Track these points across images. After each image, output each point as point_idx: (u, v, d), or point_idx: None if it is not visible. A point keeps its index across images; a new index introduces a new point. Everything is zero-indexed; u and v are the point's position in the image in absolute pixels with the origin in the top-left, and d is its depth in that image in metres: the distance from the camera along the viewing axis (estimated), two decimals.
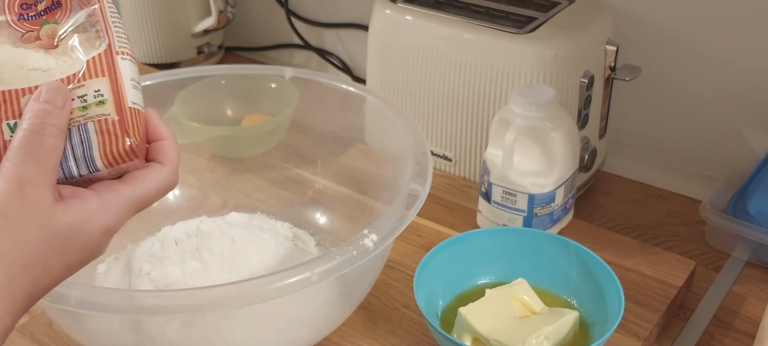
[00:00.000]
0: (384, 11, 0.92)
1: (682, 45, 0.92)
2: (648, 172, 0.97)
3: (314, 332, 0.69)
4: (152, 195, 0.47)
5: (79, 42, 0.46)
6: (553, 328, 0.66)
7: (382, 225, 0.61)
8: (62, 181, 0.46)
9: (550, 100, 0.77)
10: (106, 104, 0.44)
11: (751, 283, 0.81)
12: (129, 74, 0.46)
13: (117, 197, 0.46)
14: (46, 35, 0.46)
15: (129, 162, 0.45)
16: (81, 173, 0.45)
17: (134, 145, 0.45)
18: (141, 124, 0.46)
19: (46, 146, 0.43)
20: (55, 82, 0.45)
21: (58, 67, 0.45)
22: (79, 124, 0.45)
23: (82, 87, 0.45)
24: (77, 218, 0.44)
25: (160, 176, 0.47)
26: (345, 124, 0.87)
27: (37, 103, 0.44)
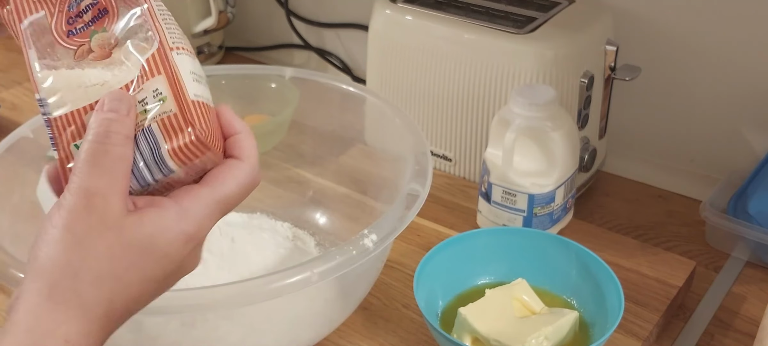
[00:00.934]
0: (384, 11, 0.92)
1: (682, 45, 0.92)
2: (648, 172, 0.97)
3: (314, 332, 0.69)
4: (234, 193, 0.44)
5: (132, 46, 0.44)
6: (553, 328, 0.66)
7: (382, 225, 0.61)
8: (139, 191, 0.43)
9: (550, 100, 0.77)
10: (167, 101, 0.42)
11: (751, 283, 0.81)
12: (188, 68, 0.44)
13: (196, 200, 0.42)
14: (98, 46, 0.45)
15: (201, 156, 0.42)
16: (155, 178, 0.43)
17: (201, 135, 0.42)
18: (208, 116, 0.43)
19: (113, 155, 0.41)
20: (117, 90, 0.43)
21: (115, 77, 0.44)
22: (143, 128, 0.42)
23: (142, 90, 0.43)
24: (152, 228, 0.41)
25: (240, 171, 0.44)
26: (345, 124, 0.87)
27: (101, 114, 0.42)
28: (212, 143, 0.43)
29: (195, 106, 0.42)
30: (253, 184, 0.45)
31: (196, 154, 0.42)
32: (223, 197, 0.43)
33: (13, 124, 1.08)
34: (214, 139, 0.43)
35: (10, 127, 0.82)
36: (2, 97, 1.19)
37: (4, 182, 0.72)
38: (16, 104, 1.17)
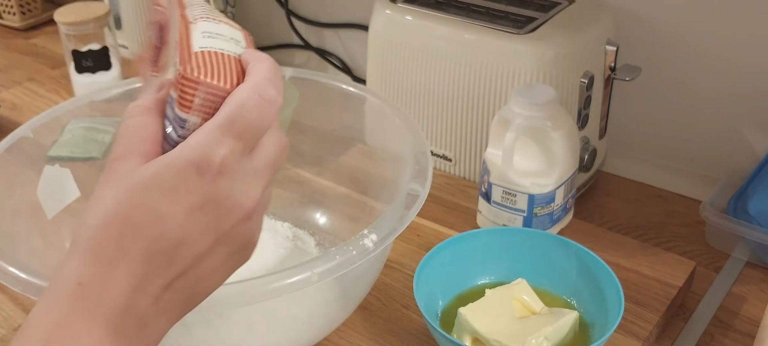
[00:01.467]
0: (384, 11, 0.92)
1: (682, 45, 0.92)
2: (648, 172, 0.97)
3: (314, 332, 0.69)
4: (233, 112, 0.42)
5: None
6: (553, 328, 0.66)
7: (382, 225, 0.61)
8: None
9: (550, 100, 0.77)
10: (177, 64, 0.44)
11: (751, 283, 0.81)
12: (200, 30, 0.45)
13: (199, 131, 0.42)
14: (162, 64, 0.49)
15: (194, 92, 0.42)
16: (178, 133, 0.44)
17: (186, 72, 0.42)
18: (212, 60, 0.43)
19: (129, 124, 0.44)
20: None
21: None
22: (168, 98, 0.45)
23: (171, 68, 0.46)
24: (156, 166, 0.41)
25: (238, 91, 0.43)
26: (345, 124, 0.87)
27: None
28: (205, 77, 0.43)
29: (196, 57, 0.43)
30: (256, 99, 0.43)
31: (189, 92, 0.42)
32: (223, 119, 0.42)
33: (13, 124, 1.09)
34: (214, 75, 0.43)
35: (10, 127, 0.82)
36: (2, 97, 1.19)
37: (4, 182, 0.72)
38: (16, 104, 1.17)
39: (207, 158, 0.41)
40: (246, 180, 0.43)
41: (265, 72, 0.44)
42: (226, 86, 0.43)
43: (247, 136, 0.42)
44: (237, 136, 0.42)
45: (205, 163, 0.41)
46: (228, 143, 0.42)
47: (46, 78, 1.25)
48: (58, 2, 1.44)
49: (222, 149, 0.41)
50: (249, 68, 0.44)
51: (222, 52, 0.44)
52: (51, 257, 0.75)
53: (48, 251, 0.74)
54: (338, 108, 0.85)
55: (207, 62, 0.43)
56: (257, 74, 0.44)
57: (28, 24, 1.43)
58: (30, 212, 0.74)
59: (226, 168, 0.42)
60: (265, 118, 0.43)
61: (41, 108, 1.15)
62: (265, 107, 0.43)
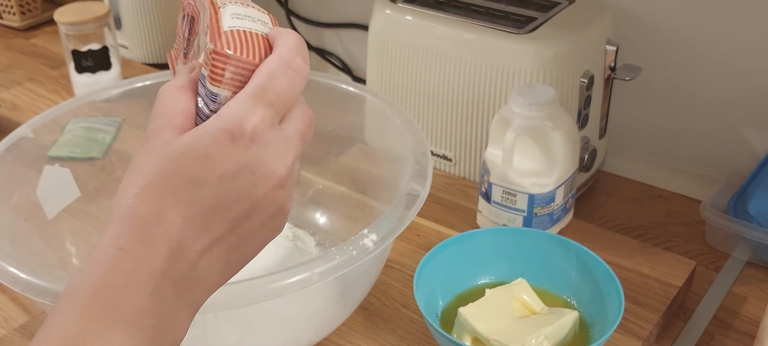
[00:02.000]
0: (384, 11, 0.92)
1: (682, 45, 0.92)
2: (648, 172, 0.97)
3: (314, 332, 0.69)
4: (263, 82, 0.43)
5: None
6: (553, 328, 0.66)
7: (382, 225, 0.61)
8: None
9: (550, 100, 0.77)
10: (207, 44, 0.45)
11: (751, 283, 0.81)
12: (229, 12, 0.47)
13: (230, 102, 0.44)
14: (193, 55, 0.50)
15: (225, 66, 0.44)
16: (210, 108, 0.45)
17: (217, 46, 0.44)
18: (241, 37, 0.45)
19: (164, 102, 0.45)
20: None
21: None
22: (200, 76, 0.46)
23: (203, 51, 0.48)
24: (190, 137, 0.43)
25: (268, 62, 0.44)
26: (345, 124, 0.87)
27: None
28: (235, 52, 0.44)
29: (225, 35, 0.45)
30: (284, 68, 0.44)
31: (219, 67, 0.44)
32: (254, 88, 0.43)
33: (13, 124, 1.09)
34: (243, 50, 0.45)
35: (10, 128, 0.82)
36: (2, 98, 1.19)
37: (4, 182, 0.72)
38: (16, 104, 1.17)
39: (239, 126, 0.42)
40: (278, 148, 0.44)
41: (291, 44, 0.45)
42: (254, 60, 0.44)
43: (278, 105, 0.44)
44: (268, 104, 0.43)
45: (238, 131, 0.42)
46: (259, 111, 0.43)
47: (46, 78, 1.25)
48: (58, 2, 1.44)
49: (254, 117, 0.43)
50: (276, 42, 0.45)
51: (250, 31, 0.46)
52: (51, 257, 0.75)
53: (48, 251, 0.74)
54: (338, 108, 0.85)
55: (236, 39, 0.45)
56: (284, 46, 0.45)
57: (28, 24, 1.43)
58: (30, 212, 0.74)
59: (258, 135, 0.43)
60: (294, 87, 0.44)
61: (41, 108, 1.15)
62: (293, 76, 0.44)
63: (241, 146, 0.42)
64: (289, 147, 0.45)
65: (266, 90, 0.43)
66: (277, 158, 0.44)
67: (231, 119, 0.43)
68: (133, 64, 1.27)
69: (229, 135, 0.42)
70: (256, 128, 0.43)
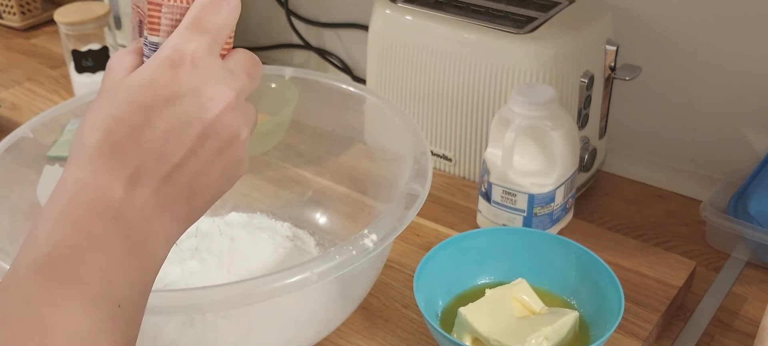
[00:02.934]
0: (384, 11, 0.92)
1: (682, 45, 0.92)
2: (648, 172, 0.97)
3: (314, 332, 0.69)
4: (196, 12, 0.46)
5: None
6: (553, 328, 0.66)
7: (382, 225, 0.61)
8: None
9: (550, 100, 0.77)
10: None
11: (751, 283, 0.81)
12: None
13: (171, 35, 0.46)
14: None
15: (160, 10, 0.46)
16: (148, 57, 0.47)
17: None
18: None
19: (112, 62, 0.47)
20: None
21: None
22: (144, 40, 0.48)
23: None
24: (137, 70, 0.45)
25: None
26: (344, 124, 0.87)
27: None
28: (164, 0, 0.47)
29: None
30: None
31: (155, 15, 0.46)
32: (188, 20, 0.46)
33: (13, 124, 1.09)
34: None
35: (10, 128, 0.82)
36: (2, 98, 1.19)
37: (4, 181, 0.72)
38: (16, 104, 1.17)
39: (178, 51, 0.44)
40: (221, 74, 0.45)
41: None
42: (185, 5, 0.47)
43: (213, 30, 0.46)
44: (203, 31, 0.45)
45: (178, 56, 0.44)
46: (196, 38, 0.45)
47: (46, 78, 1.25)
48: (58, 2, 1.44)
49: (191, 43, 0.45)
50: None
51: None
52: None
53: None
54: (338, 108, 0.85)
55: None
56: None
57: (28, 24, 1.42)
58: (30, 212, 0.74)
59: (198, 59, 0.45)
60: (227, 15, 0.46)
61: (41, 108, 1.15)
62: (224, 5, 0.46)
63: (183, 71, 0.44)
64: (233, 75, 0.46)
65: (200, 19, 0.45)
66: (222, 82, 0.45)
67: (169, 49, 0.45)
68: None
69: (169, 61, 0.44)
70: (195, 53, 0.45)
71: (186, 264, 0.75)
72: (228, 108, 0.45)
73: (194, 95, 0.44)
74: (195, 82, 0.44)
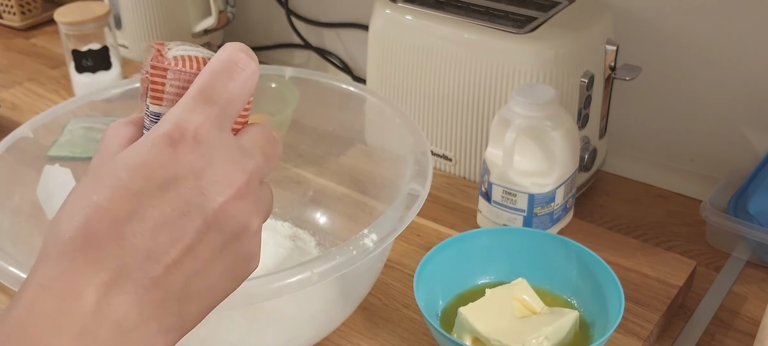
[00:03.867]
0: (384, 11, 0.92)
1: (682, 45, 0.92)
2: (648, 172, 0.97)
3: (314, 332, 0.69)
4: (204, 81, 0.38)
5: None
6: (553, 328, 0.66)
7: (382, 225, 0.61)
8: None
9: (550, 100, 0.77)
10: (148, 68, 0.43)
11: (751, 283, 0.81)
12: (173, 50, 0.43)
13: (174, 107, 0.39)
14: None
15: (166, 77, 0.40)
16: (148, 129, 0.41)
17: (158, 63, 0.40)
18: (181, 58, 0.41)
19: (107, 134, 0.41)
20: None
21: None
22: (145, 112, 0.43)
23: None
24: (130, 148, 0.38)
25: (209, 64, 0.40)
26: (345, 124, 0.87)
27: None
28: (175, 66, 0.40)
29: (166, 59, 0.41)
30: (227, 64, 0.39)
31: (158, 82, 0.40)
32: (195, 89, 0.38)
33: (13, 124, 1.09)
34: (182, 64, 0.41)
35: (10, 127, 0.82)
36: (2, 97, 1.19)
37: (4, 182, 0.72)
38: (16, 104, 1.17)
39: (179, 126, 0.37)
40: (230, 153, 0.38)
41: (232, 46, 0.40)
42: (194, 70, 0.40)
43: (222, 102, 0.38)
44: (211, 102, 0.38)
45: (178, 132, 0.37)
46: (202, 110, 0.38)
47: (46, 78, 1.25)
48: (58, 2, 1.44)
49: (196, 116, 0.37)
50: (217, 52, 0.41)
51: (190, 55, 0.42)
52: None
53: None
54: (338, 108, 0.85)
55: (176, 59, 0.41)
56: (225, 48, 0.40)
57: (28, 24, 1.42)
58: (30, 212, 0.74)
59: (201, 136, 0.37)
60: (240, 84, 0.39)
61: (41, 108, 1.15)
62: (238, 73, 0.39)
63: (183, 149, 0.37)
64: (246, 154, 0.39)
65: (208, 88, 0.38)
66: (231, 164, 0.38)
67: (170, 123, 0.37)
68: (133, 64, 1.27)
69: (168, 137, 0.37)
70: (199, 128, 0.37)
71: None
72: (236, 195, 0.38)
73: (195, 179, 0.37)
74: (197, 163, 0.37)
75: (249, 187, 0.39)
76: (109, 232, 0.35)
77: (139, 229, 0.35)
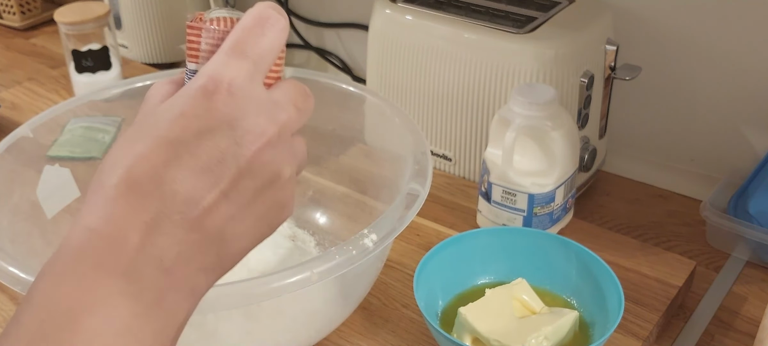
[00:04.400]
0: (384, 11, 0.92)
1: (682, 45, 0.92)
2: (648, 172, 0.97)
3: (314, 332, 0.69)
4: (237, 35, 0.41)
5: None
6: (553, 328, 0.66)
7: (382, 225, 0.61)
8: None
9: (550, 100, 0.77)
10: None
11: (751, 283, 0.81)
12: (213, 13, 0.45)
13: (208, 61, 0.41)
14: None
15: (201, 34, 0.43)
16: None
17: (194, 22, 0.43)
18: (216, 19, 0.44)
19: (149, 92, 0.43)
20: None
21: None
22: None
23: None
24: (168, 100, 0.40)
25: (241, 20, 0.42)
26: (345, 124, 0.87)
27: None
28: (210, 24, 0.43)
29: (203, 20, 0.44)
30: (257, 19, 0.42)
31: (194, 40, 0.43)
32: (228, 44, 0.41)
33: (13, 124, 1.09)
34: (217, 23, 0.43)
35: (10, 127, 0.82)
36: (2, 97, 1.19)
37: (4, 182, 0.72)
38: (16, 104, 1.17)
39: (213, 79, 0.39)
40: (262, 104, 0.40)
41: (264, 4, 0.43)
42: (227, 28, 0.43)
43: (255, 56, 0.41)
44: (242, 55, 0.40)
45: (213, 84, 0.39)
46: (235, 64, 0.40)
47: (46, 78, 1.25)
48: (58, 2, 1.44)
49: (229, 70, 0.40)
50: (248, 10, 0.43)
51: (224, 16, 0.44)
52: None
53: (48, 250, 0.74)
54: (338, 108, 0.85)
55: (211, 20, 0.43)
56: (257, 6, 0.43)
57: (28, 24, 1.43)
58: (30, 211, 0.74)
59: (235, 88, 0.40)
60: (272, 38, 0.42)
61: (41, 108, 1.15)
62: (269, 27, 0.42)
63: (218, 101, 0.39)
64: (278, 106, 0.41)
65: (241, 43, 0.41)
66: (263, 115, 0.40)
67: (205, 76, 0.40)
68: (133, 64, 1.27)
69: (203, 90, 0.39)
70: (232, 81, 0.40)
71: None
72: (268, 144, 0.40)
73: (229, 128, 0.39)
74: (231, 113, 0.39)
75: (281, 137, 0.41)
76: (149, 178, 0.37)
77: (178, 175, 0.38)
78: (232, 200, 0.39)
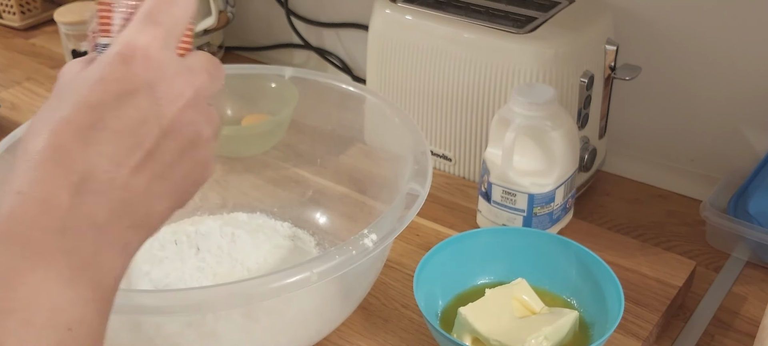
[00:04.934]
0: (384, 11, 0.92)
1: (682, 45, 0.92)
2: (648, 172, 0.97)
3: (314, 332, 0.69)
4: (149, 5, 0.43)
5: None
6: (553, 328, 0.66)
7: (382, 225, 0.61)
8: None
9: (550, 100, 0.77)
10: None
11: (751, 283, 0.81)
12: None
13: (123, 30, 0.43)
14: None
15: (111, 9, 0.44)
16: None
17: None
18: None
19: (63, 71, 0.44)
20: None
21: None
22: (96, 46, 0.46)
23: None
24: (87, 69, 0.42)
25: None
26: (344, 124, 0.87)
27: None
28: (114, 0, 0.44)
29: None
30: None
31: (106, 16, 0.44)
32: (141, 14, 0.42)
33: (13, 124, 1.09)
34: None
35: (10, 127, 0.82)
36: (2, 97, 1.19)
37: (4, 182, 0.72)
38: (16, 104, 1.17)
39: (129, 45, 0.41)
40: (178, 69, 0.42)
41: None
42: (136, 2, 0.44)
43: (168, 24, 0.43)
44: (156, 23, 0.42)
45: (129, 50, 0.41)
46: (149, 30, 0.42)
47: (46, 78, 1.25)
48: (58, 2, 1.44)
49: (144, 36, 0.41)
50: None
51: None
52: None
53: None
54: (338, 108, 0.85)
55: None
56: None
57: (28, 24, 1.42)
58: None
59: (151, 54, 0.41)
60: (182, 5, 0.43)
61: None
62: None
63: (136, 65, 0.41)
64: (192, 72, 0.43)
65: (153, 12, 0.42)
66: (180, 78, 0.42)
67: (120, 43, 0.41)
68: None
69: (120, 56, 0.41)
70: (148, 47, 0.41)
71: (186, 264, 0.75)
72: (187, 105, 0.42)
73: (149, 90, 0.40)
74: (149, 76, 0.41)
75: (198, 99, 0.43)
76: (74, 140, 0.39)
77: (102, 137, 0.39)
78: (156, 159, 0.41)
